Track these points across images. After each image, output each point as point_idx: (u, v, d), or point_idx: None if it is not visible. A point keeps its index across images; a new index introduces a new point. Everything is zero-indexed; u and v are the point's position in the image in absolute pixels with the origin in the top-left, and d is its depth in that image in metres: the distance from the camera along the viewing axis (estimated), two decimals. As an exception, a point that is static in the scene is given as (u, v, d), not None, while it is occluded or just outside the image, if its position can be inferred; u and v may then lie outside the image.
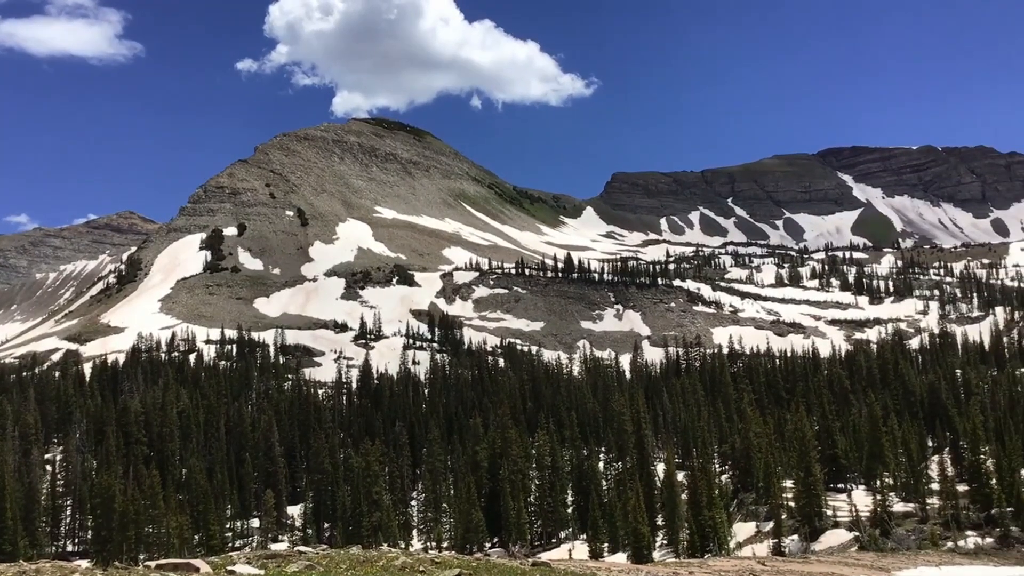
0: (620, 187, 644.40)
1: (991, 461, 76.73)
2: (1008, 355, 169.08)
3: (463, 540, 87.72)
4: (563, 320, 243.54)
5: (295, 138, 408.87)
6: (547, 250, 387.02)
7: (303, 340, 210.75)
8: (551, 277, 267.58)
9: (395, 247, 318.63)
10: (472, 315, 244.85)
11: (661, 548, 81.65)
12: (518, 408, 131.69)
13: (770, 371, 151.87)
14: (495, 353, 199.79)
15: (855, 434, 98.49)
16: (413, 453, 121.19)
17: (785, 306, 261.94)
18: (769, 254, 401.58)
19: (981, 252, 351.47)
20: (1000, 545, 66.91)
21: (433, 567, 25.23)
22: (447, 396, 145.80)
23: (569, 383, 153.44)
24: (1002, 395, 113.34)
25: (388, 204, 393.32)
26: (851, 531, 72.29)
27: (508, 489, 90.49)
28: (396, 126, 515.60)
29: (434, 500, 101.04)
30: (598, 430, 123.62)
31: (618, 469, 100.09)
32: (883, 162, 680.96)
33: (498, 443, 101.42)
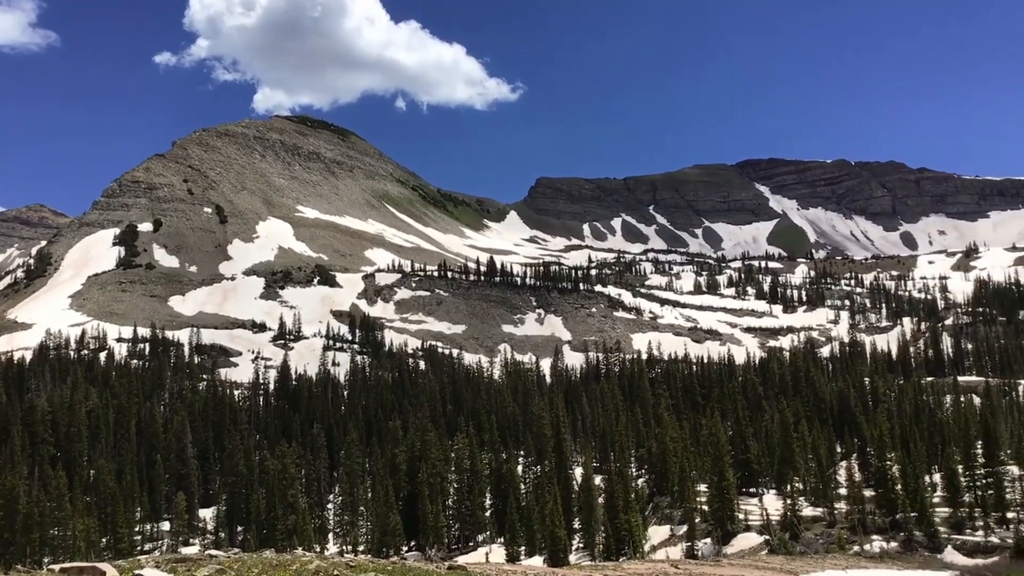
0: (544, 192, 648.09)
1: (896, 467, 79.29)
2: (914, 364, 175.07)
3: (380, 544, 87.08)
4: (485, 323, 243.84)
5: (215, 133, 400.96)
6: (470, 253, 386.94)
7: (219, 340, 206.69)
8: (474, 280, 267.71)
9: (317, 247, 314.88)
10: (394, 317, 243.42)
11: (577, 551, 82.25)
12: (438, 411, 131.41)
13: (687, 377, 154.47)
14: (416, 355, 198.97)
15: (767, 439, 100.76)
16: (331, 456, 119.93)
17: (703, 313, 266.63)
18: (688, 262, 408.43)
19: (890, 264, 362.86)
20: (904, 549, 69.16)
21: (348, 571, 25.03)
22: (367, 398, 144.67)
23: (490, 386, 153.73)
24: (908, 403, 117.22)
25: (310, 203, 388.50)
26: (762, 535, 73.96)
27: (426, 492, 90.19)
28: (320, 125, 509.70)
29: (351, 503, 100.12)
30: (518, 434, 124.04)
31: (537, 473, 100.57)
32: (799, 174, 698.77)
33: (417, 446, 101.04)
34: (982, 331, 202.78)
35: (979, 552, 68.09)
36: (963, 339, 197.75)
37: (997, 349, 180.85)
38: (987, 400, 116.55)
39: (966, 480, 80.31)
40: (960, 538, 71.35)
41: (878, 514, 76.68)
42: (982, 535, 71.63)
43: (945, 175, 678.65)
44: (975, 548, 69.00)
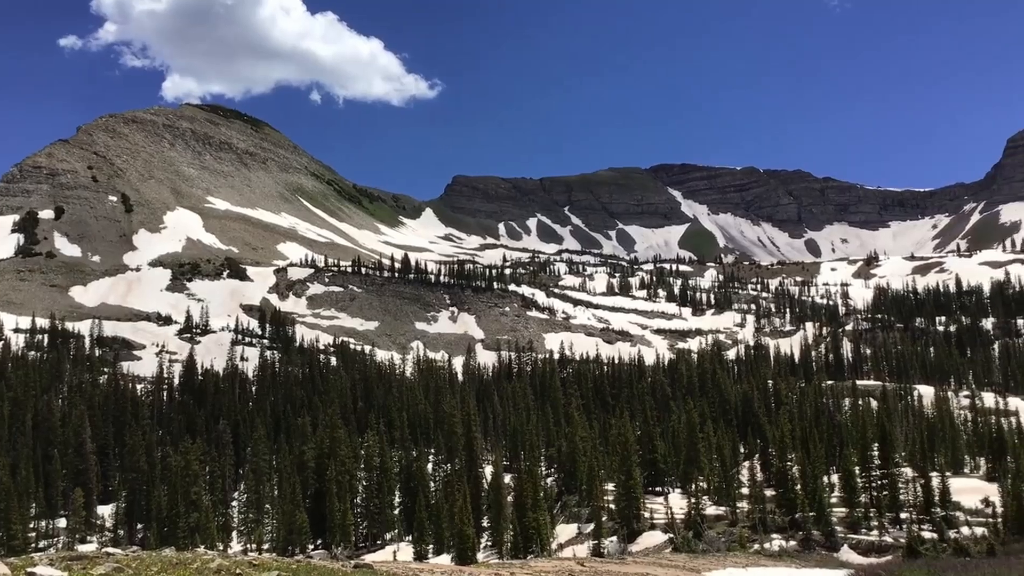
0: (460, 190, 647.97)
1: (796, 468, 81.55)
2: (815, 368, 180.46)
3: (285, 542, 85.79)
4: (398, 320, 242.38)
5: (122, 120, 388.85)
6: (385, 250, 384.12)
7: (123, 332, 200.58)
8: (388, 277, 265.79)
9: (227, 239, 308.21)
10: (305, 312, 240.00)
11: (486, 549, 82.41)
12: (348, 408, 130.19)
13: (598, 377, 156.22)
14: (328, 352, 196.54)
15: (674, 439, 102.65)
16: (237, 453, 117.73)
17: (615, 314, 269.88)
18: (602, 263, 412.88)
19: (795, 270, 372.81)
20: (802, 548, 71.18)
21: (251, 570, 24.56)
22: (275, 394, 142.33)
23: (401, 384, 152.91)
24: (808, 405, 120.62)
25: (221, 195, 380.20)
26: (667, 533, 75.28)
27: (334, 490, 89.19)
28: (232, 114, 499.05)
29: (257, 501, 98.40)
30: (428, 432, 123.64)
31: (447, 471, 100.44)
32: (710, 180, 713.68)
33: (326, 443, 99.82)
34: (880, 337, 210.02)
35: (873, 551, 70.51)
36: (862, 344, 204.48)
37: (894, 354, 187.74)
38: (884, 403, 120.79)
39: (862, 481, 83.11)
40: (856, 537, 73.79)
41: (778, 513, 78.78)
42: (876, 535, 74.22)
43: (849, 185, 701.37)
44: (870, 547, 71.43)
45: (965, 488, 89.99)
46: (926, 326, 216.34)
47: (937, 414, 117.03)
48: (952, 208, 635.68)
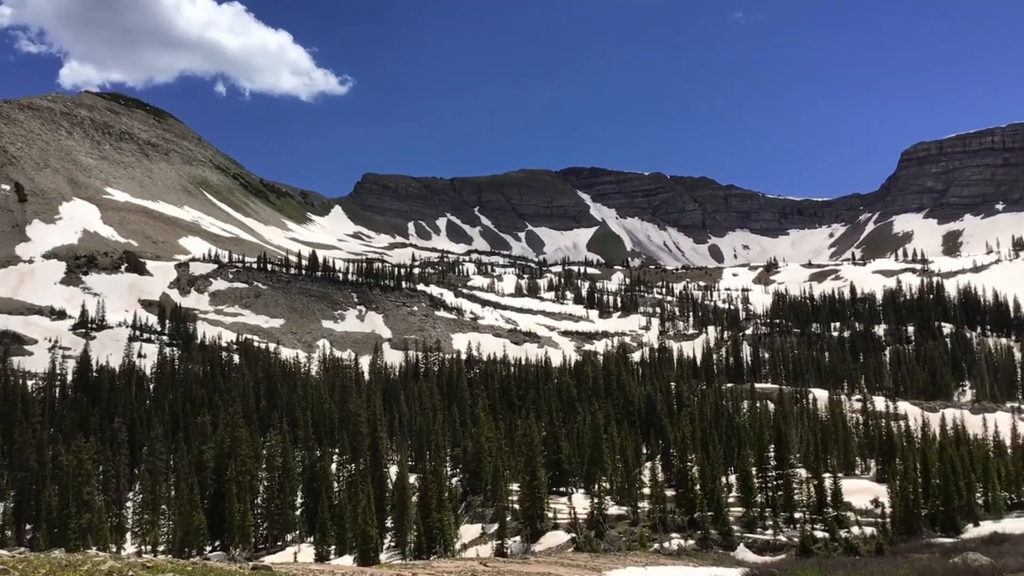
0: (370, 188, 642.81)
1: (696, 468, 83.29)
2: (716, 371, 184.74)
3: (182, 543, 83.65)
4: (304, 318, 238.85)
5: (17, 106, 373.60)
6: (292, 246, 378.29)
7: (13, 326, 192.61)
8: (294, 274, 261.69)
9: (126, 232, 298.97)
10: (208, 309, 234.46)
11: (389, 550, 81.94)
12: (251, 407, 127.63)
13: (505, 378, 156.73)
14: (230, 349, 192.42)
15: (579, 440, 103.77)
16: (133, 452, 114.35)
17: (523, 315, 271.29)
18: (511, 264, 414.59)
19: (699, 275, 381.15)
20: (700, 547, 72.75)
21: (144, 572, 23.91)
22: (174, 392, 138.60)
23: (306, 383, 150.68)
24: (709, 407, 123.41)
25: (121, 186, 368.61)
26: (570, 532, 76.00)
27: (234, 490, 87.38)
28: (134, 104, 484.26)
29: (153, 501, 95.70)
30: (333, 431, 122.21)
31: (351, 471, 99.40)
32: (618, 184, 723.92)
33: (227, 442, 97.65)
34: (778, 341, 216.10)
35: (768, 550, 72.50)
36: (761, 348, 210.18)
37: (791, 359, 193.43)
38: (780, 406, 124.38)
39: (759, 481, 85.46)
40: (752, 536, 75.80)
41: (678, 513, 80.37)
42: (771, 534, 76.37)
43: (751, 193, 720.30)
44: (765, 546, 73.45)
45: (856, 489, 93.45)
46: (822, 331, 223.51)
47: (831, 417, 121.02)
48: (848, 218, 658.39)
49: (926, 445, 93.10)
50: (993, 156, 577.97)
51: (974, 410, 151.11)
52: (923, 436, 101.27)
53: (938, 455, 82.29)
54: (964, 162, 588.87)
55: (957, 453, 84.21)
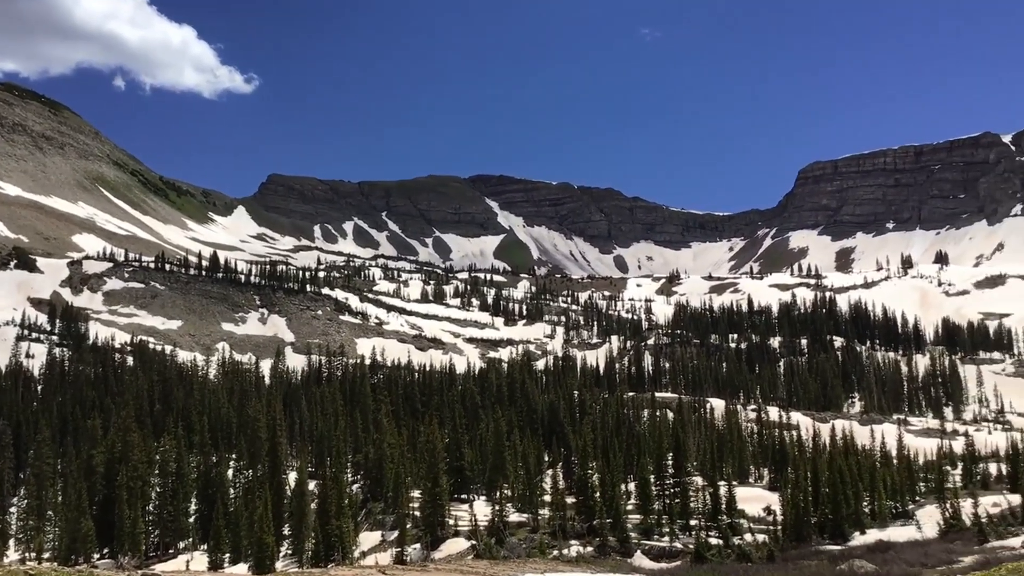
0: (275, 189, 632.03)
1: (597, 476, 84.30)
2: (618, 380, 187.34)
3: (68, 551, 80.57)
4: (203, 321, 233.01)
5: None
6: (192, 246, 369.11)
7: None
8: (194, 275, 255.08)
9: (16, 227, 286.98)
10: (101, 309, 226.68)
11: (286, 558, 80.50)
12: (145, 411, 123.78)
13: (409, 384, 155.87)
14: (124, 351, 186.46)
15: (481, 447, 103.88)
16: (18, 456, 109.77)
17: (428, 321, 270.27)
18: (417, 270, 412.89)
19: (604, 285, 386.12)
20: (599, 554, 73.58)
21: (26, 582, 22.97)
22: (64, 394, 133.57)
23: (204, 386, 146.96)
24: (611, 416, 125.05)
25: (12, 179, 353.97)
26: (470, 540, 75.97)
27: (125, 496, 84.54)
28: (29, 95, 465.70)
29: (38, 507, 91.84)
30: (231, 436, 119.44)
31: (248, 477, 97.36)
32: (526, 193, 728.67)
33: (118, 447, 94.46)
34: (679, 351, 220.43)
35: (664, 556, 73.80)
36: (662, 358, 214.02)
37: (691, 368, 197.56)
38: (679, 415, 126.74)
39: (657, 489, 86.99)
40: (649, 543, 77.04)
41: (578, 520, 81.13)
42: (668, 540, 77.77)
43: (655, 205, 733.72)
44: (661, 553, 74.73)
45: (750, 497, 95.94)
46: (720, 342, 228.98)
47: (727, 426, 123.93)
48: (747, 232, 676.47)
49: (817, 455, 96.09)
50: (885, 176, 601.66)
51: (863, 421, 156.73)
52: (814, 446, 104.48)
53: (828, 464, 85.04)
54: (857, 182, 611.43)
55: (846, 463, 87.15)
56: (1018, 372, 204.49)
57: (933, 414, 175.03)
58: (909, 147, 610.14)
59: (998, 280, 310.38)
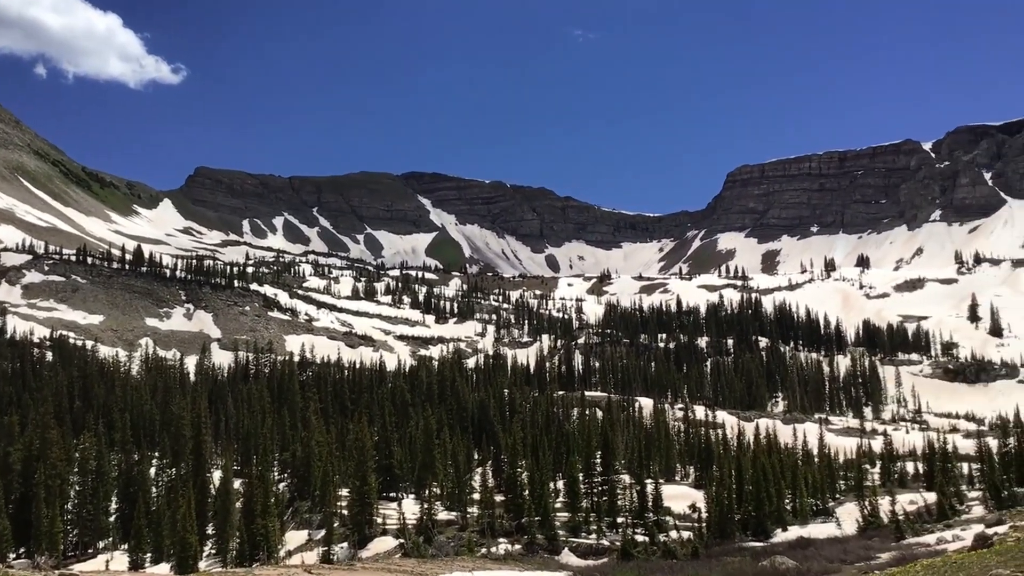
0: (203, 183, 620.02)
1: (526, 474, 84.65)
2: (549, 378, 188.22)
3: (-19, 552, 78.05)
4: (126, 315, 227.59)
5: None
6: (116, 239, 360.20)
7: None
8: (117, 268, 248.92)
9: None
10: (20, 302, 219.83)
11: (209, 558, 79.16)
12: (64, 407, 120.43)
13: (338, 381, 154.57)
14: (43, 346, 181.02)
15: (411, 445, 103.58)
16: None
17: (359, 319, 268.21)
18: (348, 267, 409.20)
19: (535, 284, 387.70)
20: (526, 551, 73.94)
21: (-65, 584, 22.23)
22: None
23: (126, 383, 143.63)
24: (540, 414, 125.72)
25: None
26: (398, 538, 75.71)
27: (43, 495, 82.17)
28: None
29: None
30: (154, 434, 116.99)
31: (171, 475, 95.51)
32: (459, 191, 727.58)
33: (36, 444, 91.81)
34: (609, 351, 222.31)
35: (592, 554, 74.49)
36: (592, 357, 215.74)
37: (620, 368, 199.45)
38: (608, 414, 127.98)
39: (585, 487, 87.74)
40: (576, 541, 77.67)
41: (507, 518, 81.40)
42: (595, 538, 78.47)
43: (587, 205, 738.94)
44: (588, 550, 75.41)
45: (676, 494, 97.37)
46: (649, 342, 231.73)
47: (655, 425, 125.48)
48: (677, 234, 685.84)
49: (741, 453, 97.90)
50: (810, 181, 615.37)
51: (786, 420, 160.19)
52: (739, 444, 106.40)
53: (751, 463, 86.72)
54: (783, 186, 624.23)
55: (769, 461, 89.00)
56: (935, 373, 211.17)
57: (853, 414, 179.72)
58: (833, 153, 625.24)
59: (917, 284, 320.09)
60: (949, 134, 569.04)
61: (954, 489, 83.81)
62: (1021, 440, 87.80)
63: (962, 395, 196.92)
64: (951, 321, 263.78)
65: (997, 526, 55.54)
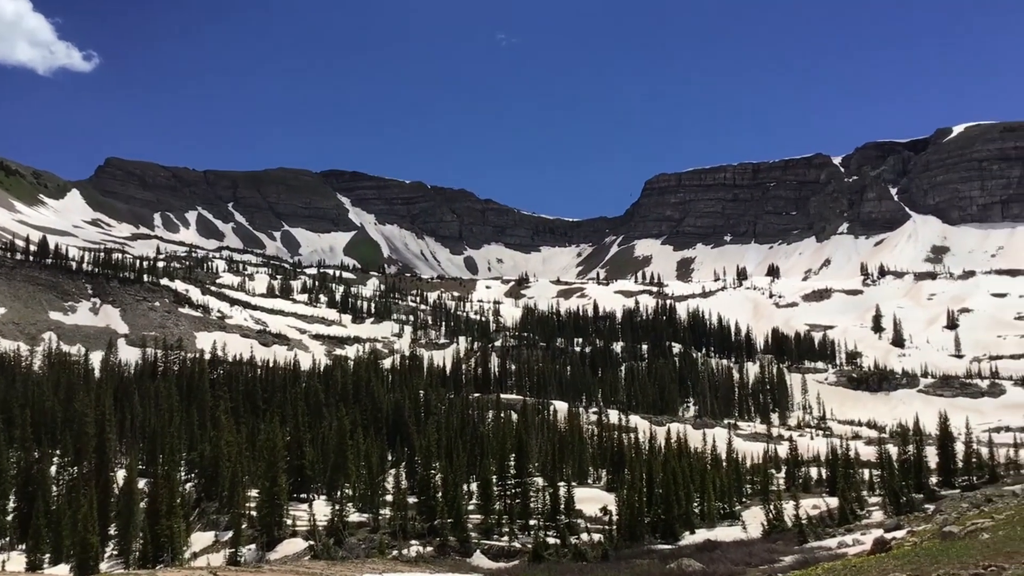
0: (114, 174, 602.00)
1: (440, 476, 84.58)
2: (465, 380, 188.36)
3: None
4: (29, 308, 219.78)
5: None
6: (20, 229, 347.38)
7: None
8: (20, 260, 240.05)
9: None
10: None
11: (111, 559, 77.06)
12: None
13: (251, 380, 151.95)
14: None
15: (323, 446, 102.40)
16: None
17: (274, 317, 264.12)
18: (264, 264, 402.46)
19: (453, 285, 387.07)
20: (439, 553, 73.85)
21: None
22: None
23: (28, 378, 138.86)
24: (456, 416, 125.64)
25: None
26: (308, 540, 74.79)
27: (-66, 495, 79.05)
28: None
29: None
30: (55, 431, 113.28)
31: (73, 474, 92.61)
32: (379, 191, 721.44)
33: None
34: (525, 354, 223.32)
35: (503, 556, 74.79)
36: (509, 360, 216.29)
37: (536, 371, 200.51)
38: (523, 417, 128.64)
39: (499, 489, 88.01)
40: (488, 543, 77.87)
41: (419, 520, 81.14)
42: (507, 540, 78.82)
43: (507, 208, 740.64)
44: (500, 552, 75.69)
45: (588, 497, 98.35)
46: (565, 346, 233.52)
47: (569, 428, 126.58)
48: (595, 239, 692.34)
49: (652, 457, 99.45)
50: (725, 191, 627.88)
51: (696, 425, 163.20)
52: (650, 448, 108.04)
53: (662, 467, 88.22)
54: (699, 195, 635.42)
55: (679, 465, 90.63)
56: (839, 381, 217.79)
57: (761, 419, 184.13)
58: (748, 164, 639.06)
59: (824, 294, 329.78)
60: (858, 149, 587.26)
61: (855, 494, 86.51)
62: (919, 448, 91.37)
63: (865, 403, 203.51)
64: (856, 331, 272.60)
65: (896, 531, 57.64)
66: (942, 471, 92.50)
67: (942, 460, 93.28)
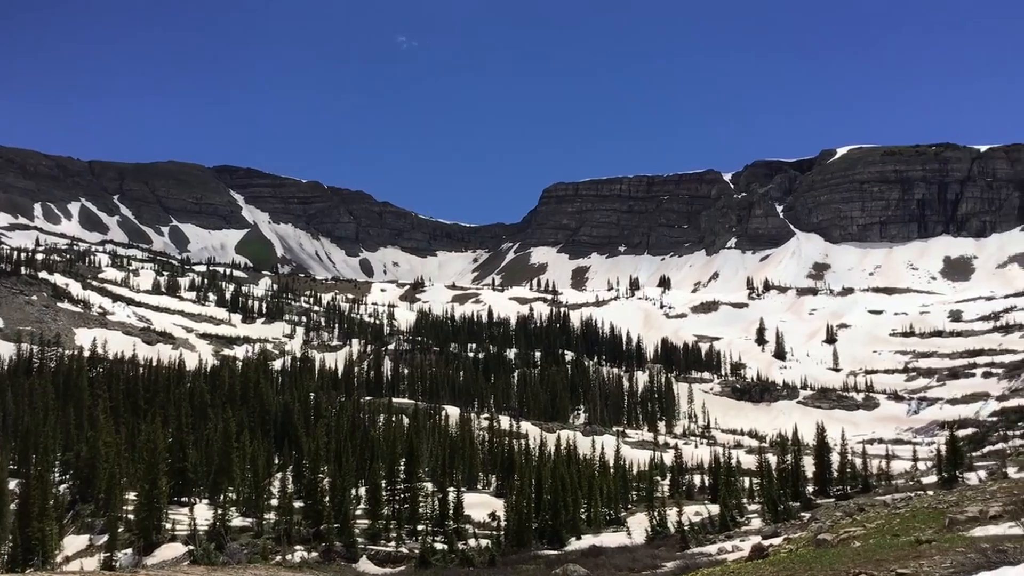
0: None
1: (328, 480, 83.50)
2: (357, 383, 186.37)
3: None
4: None
5: None
6: None
7: None
8: None
9: None
10: None
11: (-24, 565, 73.43)
12: None
13: (132, 379, 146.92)
14: None
15: (208, 448, 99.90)
16: None
17: (159, 314, 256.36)
18: (151, 259, 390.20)
19: (348, 287, 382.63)
20: (324, 559, 72.89)
21: None
22: None
23: None
24: (346, 420, 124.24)
25: None
26: (188, 545, 72.86)
27: None
28: None
29: None
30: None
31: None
32: (274, 189, 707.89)
33: None
34: (419, 358, 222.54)
35: (390, 561, 74.31)
36: (402, 364, 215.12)
37: (429, 375, 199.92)
38: (415, 421, 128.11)
39: (388, 494, 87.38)
40: (375, 548, 77.24)
41: (305, 525, 79.93)
42: (395, 545, 78.28)
43: (404, 212, 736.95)
44: (387, 558, 75.17)
45: (477, 502, 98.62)
46: (459, 351, 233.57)
47: (460, 433, 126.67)
48: (492, 245, 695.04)
49: (541, 463, 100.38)
50: (620, 202, 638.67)
51: (586, 432, 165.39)
52: (540, 455, 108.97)
53: (551, 473, 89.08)
54: (595, 205, 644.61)
55: (568, 471, 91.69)
56: (724, 391, 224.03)
57: (649, 427, 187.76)
58: (643, 177, 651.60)
59: (712, 306, 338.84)
60: (747, 167, 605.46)
61: (736, 502, 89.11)
62: (797, 457, 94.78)
63: (747, 413, 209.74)
64: (741, 343, 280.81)
65: (773, 538, 59.68)
66: (818, 480, 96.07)
67: (818, 470, 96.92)
